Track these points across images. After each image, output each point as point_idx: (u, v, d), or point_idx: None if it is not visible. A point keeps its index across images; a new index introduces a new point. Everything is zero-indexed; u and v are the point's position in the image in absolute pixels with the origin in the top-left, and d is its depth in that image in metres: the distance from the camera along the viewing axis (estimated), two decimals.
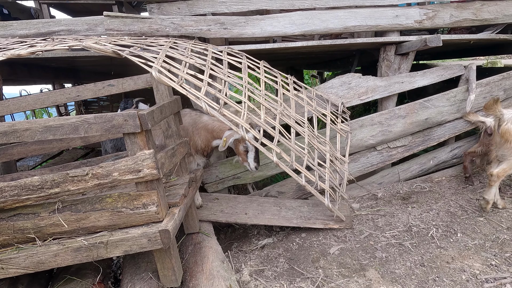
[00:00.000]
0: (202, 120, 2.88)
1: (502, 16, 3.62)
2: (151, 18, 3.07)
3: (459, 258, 2.30)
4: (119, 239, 1.88)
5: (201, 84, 2.07)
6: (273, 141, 2.29)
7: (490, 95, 3.76)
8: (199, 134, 2.89)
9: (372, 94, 3.54)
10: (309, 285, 2.25)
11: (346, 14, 3.36)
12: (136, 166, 1.85)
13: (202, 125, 2.88)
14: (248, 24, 3.23)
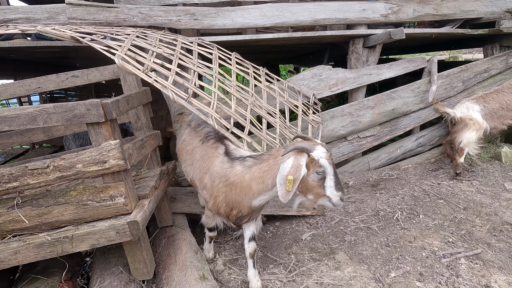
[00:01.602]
0: (236, 170, 1.91)
1: (460, 12, 3.85)
2: (117, 7, 2.96)
3: (420, 237, 2.45)
4: (86, 233, 1.83)
5: (168, 73, 2.04)
6: (243, 131, 2.30)
7: (450, 86, 4.00)
8: (229, 191, 1.95)
9: (342, 86, 3.65)
10: (282, 271, 2.30)
11: (316, 7, 3.42)
12: (102, 157, 1.80)
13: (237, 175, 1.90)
14: (219, 15, 3.21)
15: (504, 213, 2.67)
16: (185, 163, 2.37)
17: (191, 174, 2.29)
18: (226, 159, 2.01)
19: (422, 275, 2.07)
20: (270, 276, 2.27)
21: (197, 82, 2.22)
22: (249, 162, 1.87)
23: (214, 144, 2.16)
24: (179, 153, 2.47)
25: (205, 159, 2.13)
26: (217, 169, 2.01)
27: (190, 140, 2.35)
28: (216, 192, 2.02)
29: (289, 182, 1.58)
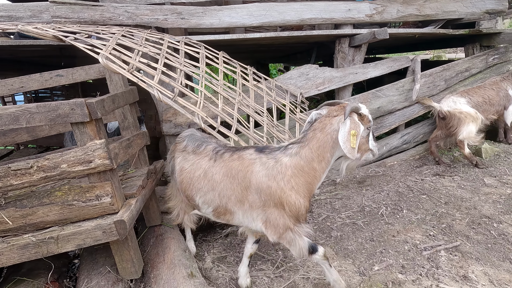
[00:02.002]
0: (286, 162, 1.72)
1: (442, 12, 3.96)
2: (103, 6, 2.93)
3: (403, 232, 2.53)
4: (71, 233, 1.82)
5: (154, 72, 2.05)
6: (231, 130, 2.33)
7: (433, 84, 4.11)
8: (295, 184, 1.71)
9: (329, 85, 3.71)
10: (269, 267, 2.34)
11: (302, 7, 3.47)
12: (87, 157, 1.79)
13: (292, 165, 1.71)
14: (206, 14, 3.22)
15: (483, 206, 2.78)
16: (199, 193, 1.91)
17: (217, 201, 1.86)
18: (264, 159, 1.74)
19: (404, 268, 2.14)
20: (258, 273, 2.31)
21: (184, 81, 2.23)
22: (294, 149, 1.73)
23: (233, 155, 1.84)
24: (185, 186, 1.99)
25: (234, 174, 1.77)
26: (263, 174, 1.71)
27: (193, 165, 1.94)
28: (278, 197, 1.69)
29: (352, 137, 1.60)
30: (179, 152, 2.11)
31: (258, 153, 1.77)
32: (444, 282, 1.99)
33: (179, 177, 2.03)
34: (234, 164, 1.79)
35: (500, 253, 2.21)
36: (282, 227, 1.72)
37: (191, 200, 2.02)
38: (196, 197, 1.94)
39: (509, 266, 2.09)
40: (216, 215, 1.94)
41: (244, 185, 1.75)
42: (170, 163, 2.24)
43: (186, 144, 2.10)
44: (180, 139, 2.16)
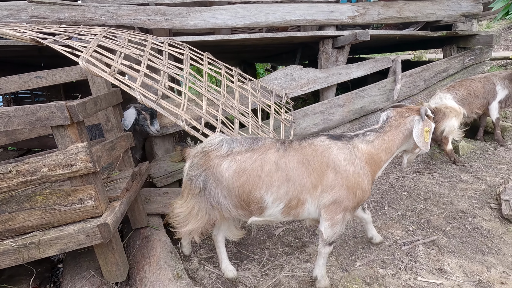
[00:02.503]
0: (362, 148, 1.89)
1: (421, 15, 4.10)
2: (83, 6, 2.89)
3: (384, 228, 2.62)
4: (53, 238, 1.80)
5: (137, 75, 2.04)
6: (215, 131, 2.34)
7: (413, 84, 4.25)
8: (367, 171, 1.88)
9: (313, 85, 3.78)
10: (255, 266, 2.38)
11: (286, 8, 3.52)
12: (68, 160, 1.77)
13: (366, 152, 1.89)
14: (190, 15, 3.21)
15: (459, 202, 2.91)
16: (270, 190, 1.82)
17: (291, 193, 1.83)
18: (341, 144, 1.87)
19: (384, 262, 2.22)
20: (244, 272, 2.34)
21: (167, 83, 2.23)
22: (371, 137, 1.93)
23: (302, 143, 1.90)
24: (249, 188, 1.83)
25: (310, 160, 1.82)
26: (342, 157, 1.83)
27: (257, 162, 1.82)
28: (354, 180, 1.82)
29: (426, 133, 1.91)
30: (221, 158, 1.86)
31: (332, 139, 1.90)
32: (421, 275, 2.08)
33: (237, 181, 1.82)
34: (307, 151, 1.85)
35: (473, 246, 2.32)
36: (343, 208, 1.85)
37: (255, 203, 1.86)
38: (265, 196, 1.83)
39: (481, 258, 2.20)
40: (286, 212, 1.89)
41: (320, 169, 1.82)
42: (201, 177, 1.88)
43: (228, 147, 1.88)
44: (213, 146, 1.90)
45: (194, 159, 1.93)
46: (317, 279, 2.01)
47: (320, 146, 1.86)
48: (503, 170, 3.43)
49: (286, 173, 1.81)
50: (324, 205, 1.86)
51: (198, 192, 1.91)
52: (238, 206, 1.89)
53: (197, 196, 1.93)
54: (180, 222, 2.08)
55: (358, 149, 1.87)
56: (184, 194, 2.03)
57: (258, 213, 1.90)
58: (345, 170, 1.81)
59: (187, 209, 2.00)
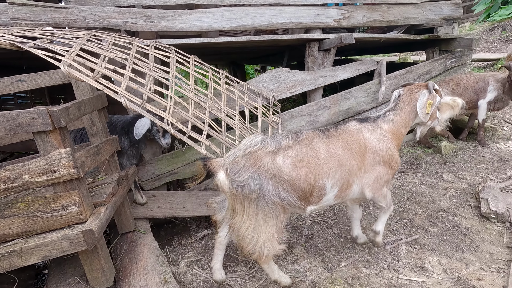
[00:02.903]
0: (385, 127, 2.11)
1: (404, 18, 4.20)
2: (67, 8, 2.84)
3: (369, 228, 2.67)
4: (36, 245, 1.77)
5: (121, 79, 2.03)
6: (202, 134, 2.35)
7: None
8: (396, 145, 2.13)
9: (300, 87, 3.82)
10: (243, 268, 2.40)
11: (273, 11, 3.55)
12: (51, 167, 1.75)
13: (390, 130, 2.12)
14: (177, 18, 3.20)
15: (441, 201, 3.00)
16: (329, 176, 1.88)
17: (344, 177, 1.93)
18: (369, 126, 2.08)
19: (368, 262, 2.28)
20: (232, 274, 2.36)
21: (153, 87, 2.22)
22: (391, 116, 2.16)
23: (338, 130, 2.02)
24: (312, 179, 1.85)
25: (350, 144, 1.95)
26: (374, 138, 2.04)
27: (310, 152, 1.85)
28: (389, 156, 2.05)
29: (428, 105, 2.12)
30: (273, 154, 1.81)
31: (361, 123, 2.09)
32: (403, 274, 2.14)
33: (299, 173, 1.81)
34: (346, 136, 1.98)
35: (453, 244, 2.41)
36: (385, 181, 2.09)
37: (317, 191, 1.88)
38: (326, 183, 1.88)
39: (460, 255, 2.29)
40: (337, 196, 1.97)
41: (361, 152, 1.98)
42: (254, 180, 1.77)
43: (274, 143, 1.85)
44: (258, 145, 1.83)
45: (238, 164, 1.79)
46: (378, 233, 2.28)
47: (354, 131, 2.02)
48: (483, 169, 3.55)
49: (338, 158, 1.90)
50: (368, 184, 2.03)
51: (256, 196, 1.78)
52: (302, 198, 1.87)
53: (255, 202, 1.79)
54: (251, 241, 1.86)
55: (384, 129, 2.10)
56: (237, 207, 1.85)
57: (317, 201, 1.93)
58: (380, 149, 2.03)
59: (251, 221, 1.83)
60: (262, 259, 1.92)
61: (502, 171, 3.44)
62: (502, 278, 2.05)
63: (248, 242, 1.86)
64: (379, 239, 2.29)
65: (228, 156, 1.88)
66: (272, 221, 1.84)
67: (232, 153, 1.88)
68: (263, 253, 1.87)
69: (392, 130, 2.12)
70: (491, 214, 2.62)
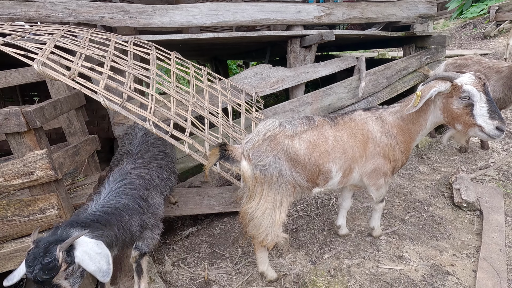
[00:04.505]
0: (390, 120, 2.05)
1: (382, 16, 4.31)
2: (38, 2, 2.71)
3: (351, 220, 2.77)
4: (13, 251, 1.72)
5: (100, 77, 1.97)
6: (184, 132, 2.33)
7: (377, 82, 4.48)
8: (398, 141, 2.05)
9: (282, 84, 3.85)
10: (229, 264, 2.42)
11: (254, 7, 3.54)
12: (26, 169, 1.69)
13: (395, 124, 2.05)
14: (156, 13, 3.13)
15: (417, 192, 3.15)
16: (335, 161, 1.96)
17: (347, 163, 2.00)
18: (373, 117, 2.06)
19: (350, 253, 2.36)
20: (218, 271, 2.38)
21: (133, 85, 2.17)
22: (396, 108, 2.08)
23: (345, 118, 2.06)
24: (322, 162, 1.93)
25: (355, 133, 2.00)
26: (377, 129, 2.04)
27: (321, 138, 1.94)
28: (388, 150, 2.04)
29: (417, 97, 1.84)
30: (291, 138, 1.89)
31: (367, 113, 2.09)
32: (383, 263, 2.24)
33: (312, 157, 1.91)
34: (351, 125, 2.03)
35: (428, 233, 2.54)
36: (382, 173, 2.10)
37: (323, 175, 1.99)
38: (332, 168, 1.98)
39: (435, 243, 2.42)
40: (340, 181, 2.07)
41: (363, 141, 2.02)
42: (275, 162, 1.84)
43: (292, 128, 1.92)
44: (277, 129, 1.88)
45: (260, 149, 1.84)
46: (374, 228, 2.47)
47: (359, 120, 2.05)
48: (455, 161, 3.75)
49: (343, 145, 1.98)
50: (366, 172, 2.09)
51: (277, 179, 1.86)
52: (310, 179, 1.98)
53: (276, 184, 1.87)
54: (265, 224, 1.92)
55: (388, 122, 2.06)
56: (256, 192, 1.91)
57: (322, 184, 2.05)
58: (381, 140, 2.03)
59: (269, 204, 1.90)
60: (266, 244, 2.00)
61: (473, 163, 3.64)
62: (472, 262, 2.19)
63: (262, 226, 1.93)
64: (376, 233, 2.49)
65: (247, 141, 1.93)
66: (287, 203, 1.96)
67: (250, 138, 1.93)
68: (269, 238, 1.95)
69: (398, 124, 2.04)
70: (463, 203, 2.78)
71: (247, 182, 1.92)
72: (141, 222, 1.84)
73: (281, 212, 1.93)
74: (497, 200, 2.80)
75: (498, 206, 2.72)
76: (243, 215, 2.04)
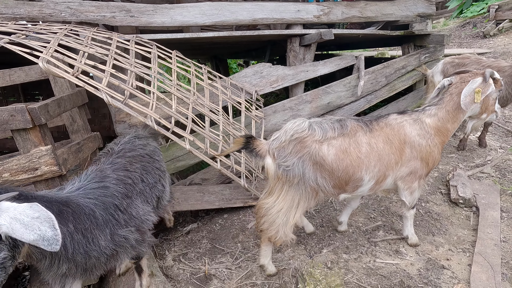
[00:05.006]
0: (428, 122, 2.07)
1: (381, 15, 4.35)
2: (41, 1, 2.75)
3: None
4: None
5: (102, 75, 2.02)
6: (185, 129, 2.37)
7: (376, 81, 4.52)
8: (437, 141, 2.07)
9: (282, 82, 3.89)
10: (229, 259, 2.47)
11: (254, 6, 3.58)
12: (32, 164, 1.74)
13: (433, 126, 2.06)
14: (157, 12, 3.17)
15: None
16: (368, 169, 1.95)
17: (382, 170, 1.99)
18: (410, 120, 2.04)
19: (348, 248, 2.41)
20: (218, 265, 2.42)
21: (135, 83, 2.22)
22: (433, 110, 2.08)
23: (379, 123, 2.03)
24: (352, 170, 1.92)
25: (391, 139, 1.98)
26: (415, 133, 2.02)
27: (352, 145, 1.91)
28: (427, 152, 2.04)
29: (477, 93, 1.93)
30: (319, 143, 1.87)
31: (403, 116, 2.06)
32: (380, 257, 2.29)
33: (341, 164, 1.89)
34: (387, 131, 2.00)
35: (425, 228, 2.58)
36: (418, 176, 2.10)
37: (354, 183, 1.97)
38: (365, 176, 1.96)
39: (431, 238, 2.46)
40: (372, 187, 2.05)
41: (400, 146, 2.00)
42: (299, 165, 1.85)
43: (321, 132, 1.89)
44: (305, 131, 1.88)
45: (285, 150, 1.86)
46: (408, 237, 2.37)
47: (395, 125, 2.03)
48: (453, 158, 3.78)
49: (378, 152, 1.95)
50: (401, 177, 2.08)
51: (298, 181, 1.88)
52: (337, 186, 1.96)
53: (296, 186, 1.90)
54: (278, 222, 1.96)
55: (426, 124, 2.05)
56: (276, 189, 1.95)
57: (351, 191, 2.03)
58: (419, 144, 2.02)
59: (286, 203, 1.94)
60: (273, 240, 2.04)
61: (470, 160, 3.68)
62: (468, 257, 2.23)
63: (275, 222, 1.96)
64: (412, 241, 2.36)
65: (274, 139, 1.95)
66: (304, 205, 1.96)
67: (277, 136, 1.94)
68: (279, 236, 1.98)
69: (437, 125, 2.04)
70: (459, 200, 2.82)
71: (269, 178, 1.97)
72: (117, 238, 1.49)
73: (296, 213, 1.94)
74: (493, 196, 2.85)
75: (494, 203, 2.76)
76: (258, 208, 2.06)
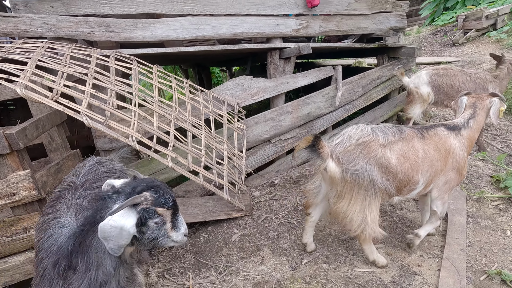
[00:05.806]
0: (464, 134, 2.29)
1: (357, 28, 4.55)
2: (16, 17, 2.70)
3: (328, 226, 2.93)
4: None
5: (82, 96, 2.02)
6: (167, 147, 2.40)
7: (353, 91, 4.71)
8: (467, 150, 2.31)
9: (263, 94, 3.98)
10: (213, 273, 2.51)
11: (234, 21, 3.66)
12: (9, 190, 1.72)
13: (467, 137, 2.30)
14: (137, 27, 3.18)
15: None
16: (423, 173, 2.13)
17: (431, 176, 2.17)
18: (454, 134, 2.25)
19: (327, 258, 2.51)
20: (203, 280, 2.46)
21: (115, 102, 2.23)
22: (470, 123, 2.33)
23: (429, 132, 2.21)
24: (412, 173, 2.09)
25: (440, 148, 2.17)
26: (458, 145, 2.22)
27: (411, 150, 2.09)
28: (463, 163, 2.24)
29: (501, 112, 2.41)
30: (383, 147, 2.04)
31: (448, 130, 2.26)
32: (357, 266, 2.40)
33: (403, 167, 2.05)
34: (436, 140, 2.19)
35: (399, 235, 2.73)
36: (451, 187, 2.29)
37: (410, 185, 2.14)
38: (420, 179, 2.13)
39: (404, 245, 2.61)
40: (420, 191, 2.23)
41: (445, 156, 2.18)
42: (366, 168, 2.00)
43: (384, 137, 2.07)
44: (369, 136, 2.05)
45: (352, 154, 2.01)
46: (420, 237, 2.43)
47: (443, 136, 2.22)
48: None
49: (430, 159, 2.12)
50: (438, 185, 2.25)
51: (367, 184, 2.03)
52: (397, 188, 2.12)
53: (366, 188, 2.04)
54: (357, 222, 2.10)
55: (463, 136, 2.28)
56: (346, 193, 2.08)
57: (405, 194, 2.22)
58: (459, 156, 2.23)
59: (358, 204, 2.08)
60: (364, 238, 2.20)
61: None
62: (437, 262, 2.39)
63: (354, 223, 2.12)
64: (417, 242, 2.44)
65: (337, 144, 2.10)
66: (375, 205, 2.11)
67: (340, 141, 2.10)
68: (366, 233, 2.14)
69: (469, 136, 2.30)
70: None
71: (335, 183, 2.10)
72: None
73: (371, 212, 2.10)
74: (460, 202, 3.05)
75: (461, 208, 2.96)
76: (335, 214, 2.20)
